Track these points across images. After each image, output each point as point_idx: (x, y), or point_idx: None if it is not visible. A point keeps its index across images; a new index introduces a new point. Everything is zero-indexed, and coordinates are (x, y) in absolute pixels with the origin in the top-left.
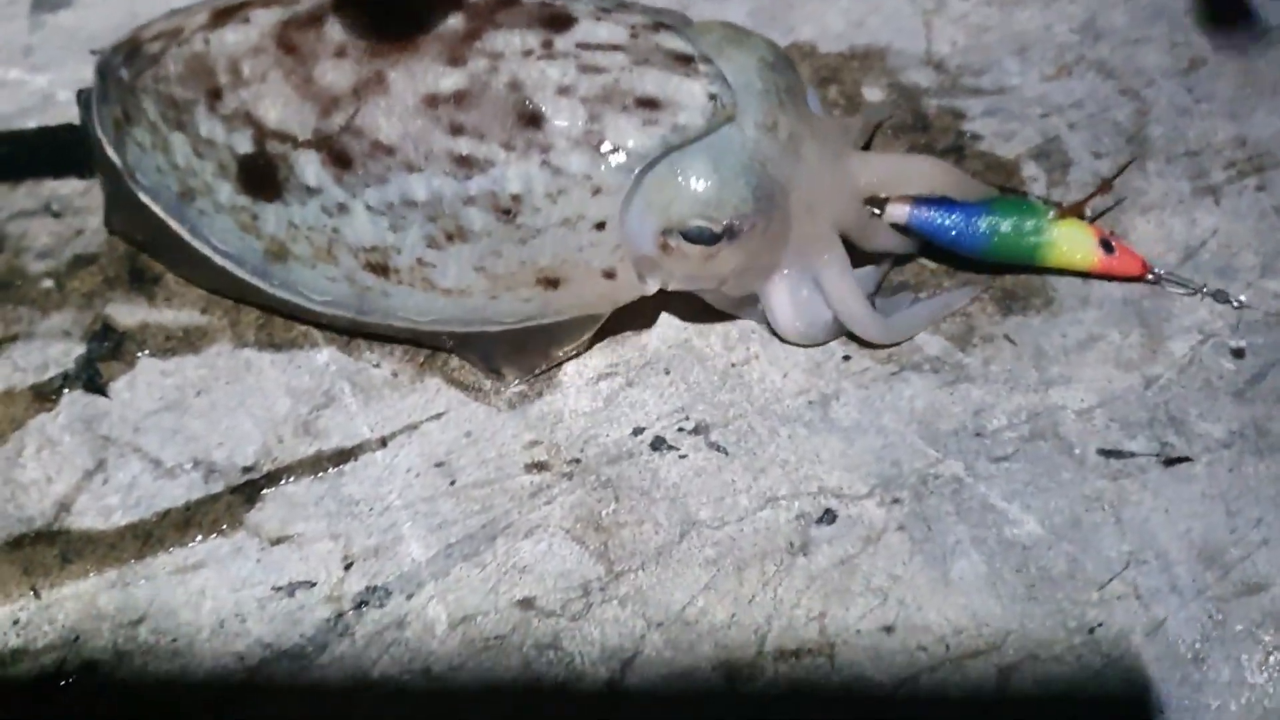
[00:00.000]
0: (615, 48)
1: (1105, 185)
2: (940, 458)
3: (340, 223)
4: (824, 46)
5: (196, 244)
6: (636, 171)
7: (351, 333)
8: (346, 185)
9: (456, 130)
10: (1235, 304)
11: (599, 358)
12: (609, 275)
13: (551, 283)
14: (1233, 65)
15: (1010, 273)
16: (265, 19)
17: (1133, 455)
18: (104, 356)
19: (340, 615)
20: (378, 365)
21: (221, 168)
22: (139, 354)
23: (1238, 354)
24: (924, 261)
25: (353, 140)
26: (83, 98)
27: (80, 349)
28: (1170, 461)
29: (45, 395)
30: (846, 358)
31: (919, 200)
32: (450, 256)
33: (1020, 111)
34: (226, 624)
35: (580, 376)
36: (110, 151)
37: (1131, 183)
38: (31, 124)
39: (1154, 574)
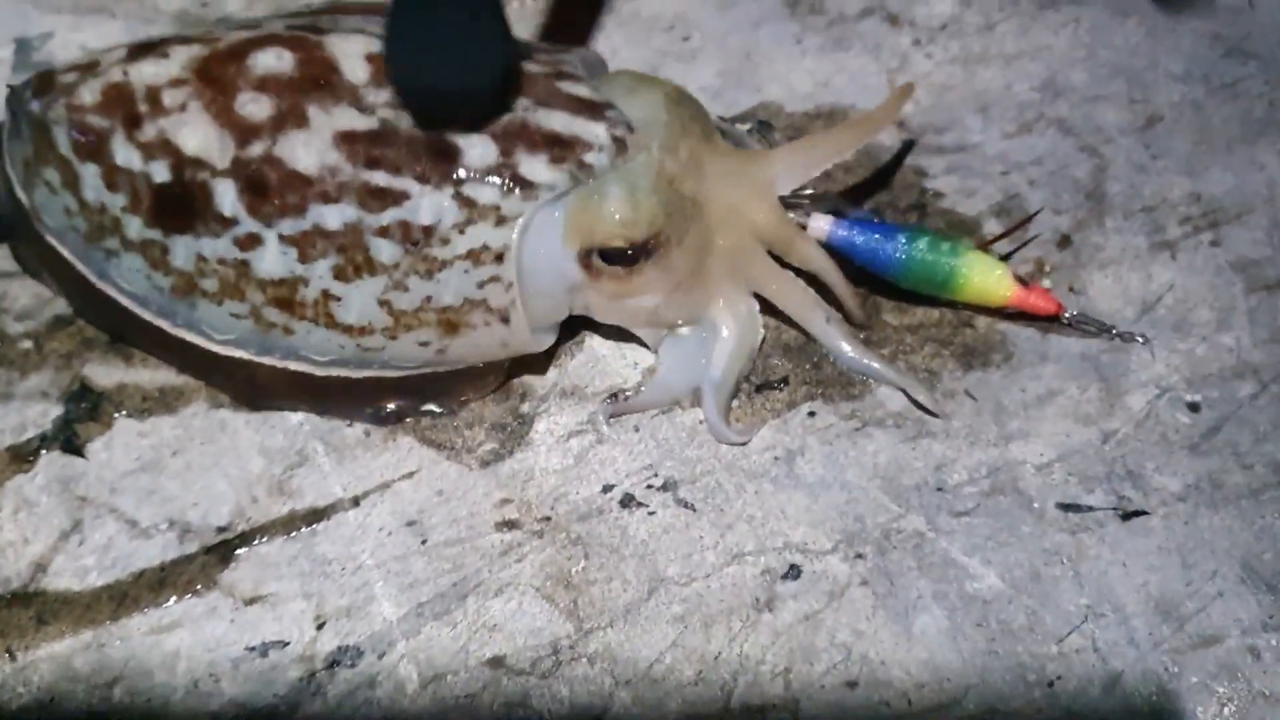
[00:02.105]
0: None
1: (1016, 227)
2: (903, 512)
3: (251, 255)
4: (790, 106)
5: (102, 285)
6: (542, 202)
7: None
8: (262, 215)
9: (373, 163)
10: (1140, 339)
11: (570, 415)
12: (504, 319)
13: (450, 326)
14: (1188, 122)
15: (970, 327)
16: (184, 54)
17: (1091, 509)
18: (81, 418)
19: (313, 675)
20: (350, 425)
21: (134, 199)
22: (116, 415)
23: (1193, 408)
24: (886, 318)
25: (270, 170)
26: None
27: (58, 410)
28: (1127, 515)
29: (23, 456)
30: (811, 414)
31: (840, 218)
32: (355, 290)
33: (981, 169)
34: (201, 684)
35: (551, 434)
36: (19, 191)
37: (1090, 238)
38: None
39: (1112, 627)
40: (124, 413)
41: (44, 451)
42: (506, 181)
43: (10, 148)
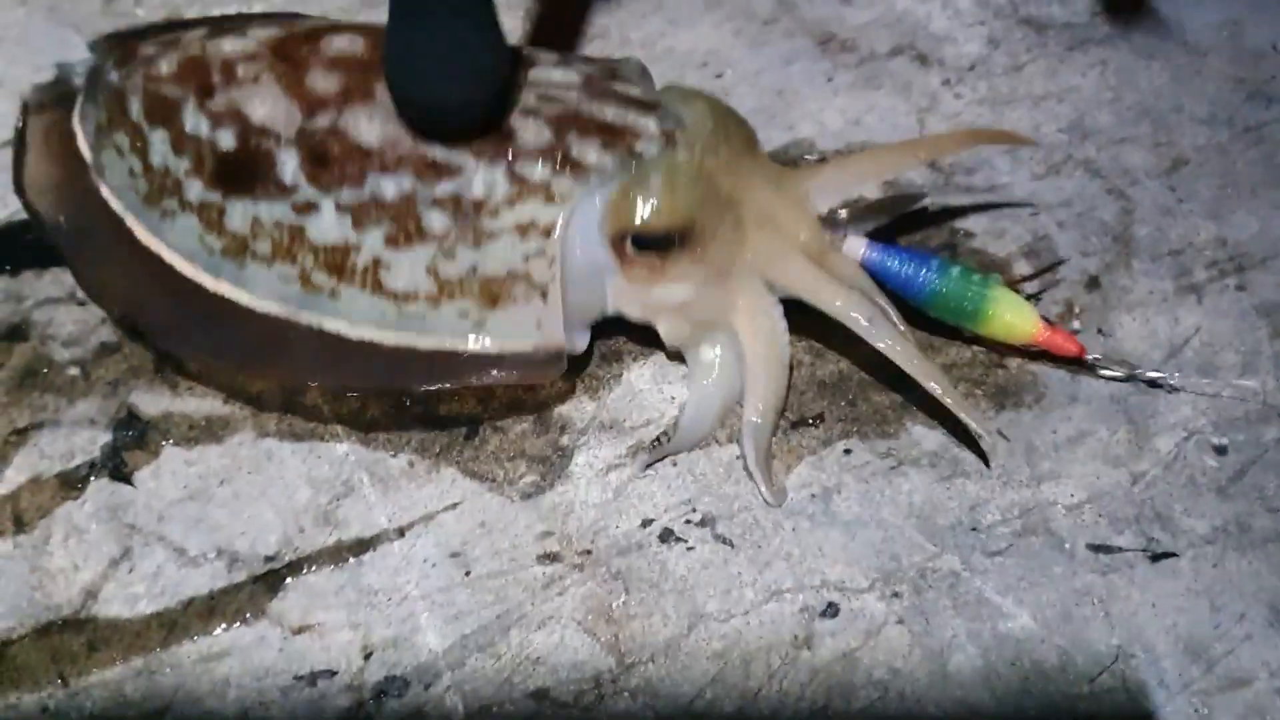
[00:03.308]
0: (570, 87)
1: (1045, 270)
2: (938, 552)
3: (307, 221)
4: (822, 143)
5: (148, 240)
6: (591, 185)
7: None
8: (321, 184)
9: None
10: (1168, 389)
11: (609, 448)
12: (543, 295)
13: (491, 297)
14: (1213, 166)
15: (1003, 367)
16: (262, 34)
17: (1121, 550)
18: (129, 445)
19: (360, 705)
20: (395, 455)
21: (198, 162)
22: (163, 443)
23: (1220, 451)
24: None
25: (334, 141)
26: (59, 86)
27: (106, 437)
28: (1156, 557)
29: (72, 483)
30: (848, 451)
31: (875, 242)
32: (405, 256)
33: (1011, 210)
34: (250, 713)
35: (590, 468)
36: (84, 148)
37: (1117, 281)
38: None
39: (1142, 668)
40: (171, 441)
41: (93, 479)
42: (558, 162)
43: (84, 110)
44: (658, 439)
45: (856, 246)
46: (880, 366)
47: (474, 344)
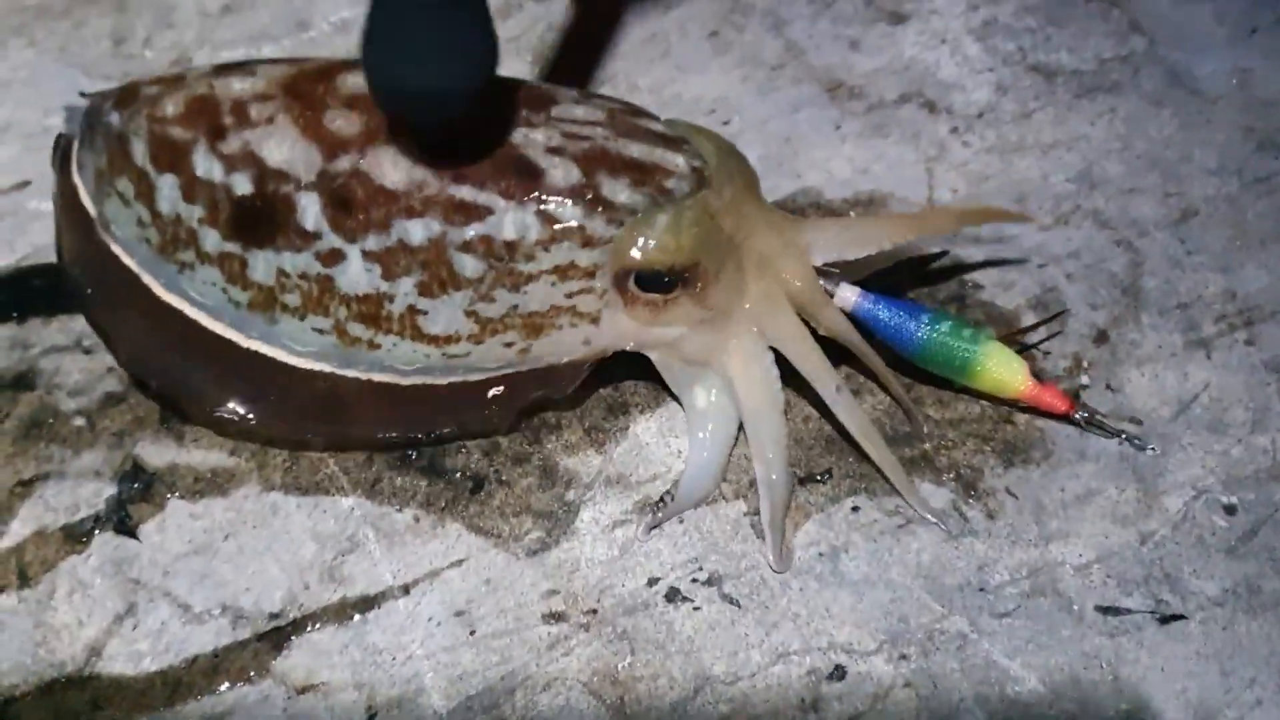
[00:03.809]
0: (593, 123)
1: (1043, 322)
2: (946, 613)
3: (334, 271)
4: (829, 192)
5: (169, 297)
6: (624, 224)
7: (373, 482)
8: (346, 230)
9: (459, 178)
10: (1150, 450)
11: (615, 504)
12: (594, 321)
13: (536, 329)
14: (1222, 217)
15: (1010, 423)
16: (272, 72)
17: (1129, 612)
18: (134, 498)
19: None
20: (400, 510)
21: (212, 210)
22: (168, 496)
23: (1230, 510)
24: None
25: (357, 184)
26: (60, 141)
27: (111, 489)
28: (1165, 619)
29: (77, 537)
30: (855, 509)
31: (866, 291)
32: (441, 304)
33: (1019, 261)
34: None
35: (596, 524)
36: (86, 201)
37: (1127, 335)
38: None
39: None
40: (176, 494)
41: (97, 532)
42: (589, 202)
43: (81, 157)
44: (662, 499)
45: (848, 296)
46: (887, 422)
47: (522, 368)
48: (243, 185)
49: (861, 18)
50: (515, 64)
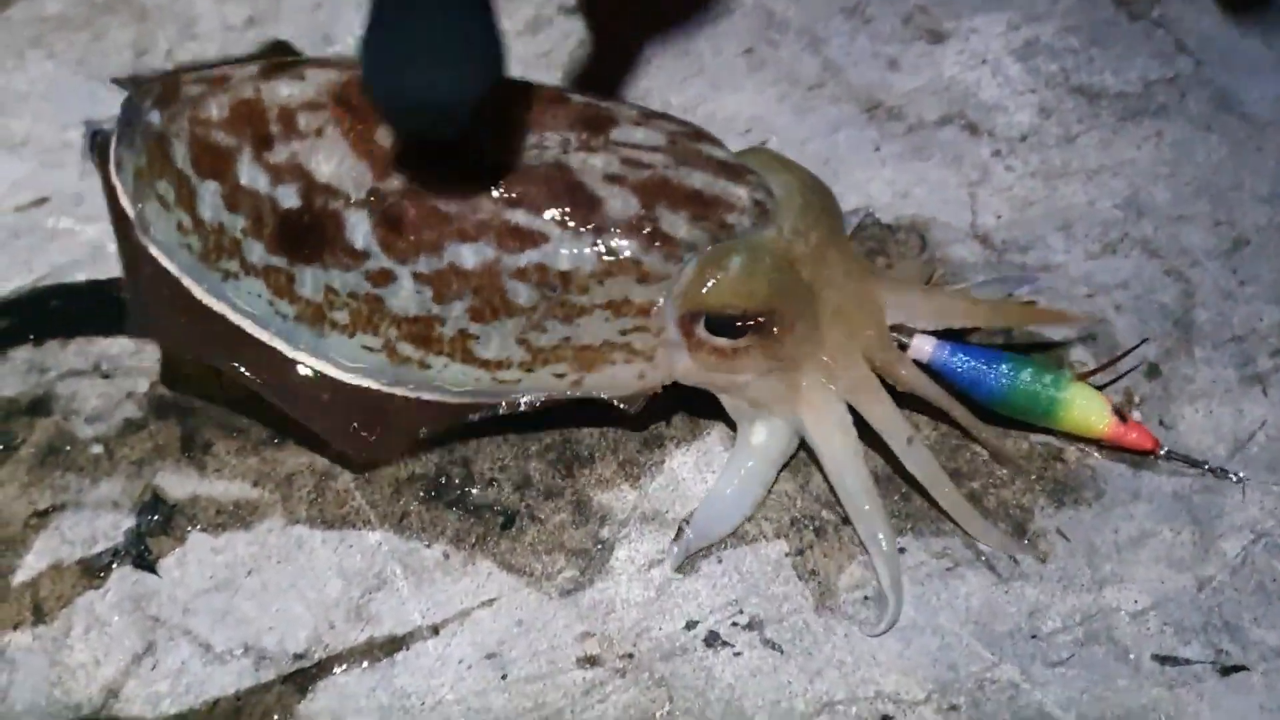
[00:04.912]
0: (655, 149)
1: (1112, 362)
2: (996, 661)
3: (384, 291)
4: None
5: (212, 301)
6: (683, 261)
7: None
8: (396, 251)
9: (514, 201)
10: (1234, 478)
11: (650, 542)
12: (648, 359)
13: (588, 363)
14: (1275, 247)
15: (1061, 461)
16: (321, 77)
17: (1188, 663)
18: (153, 531)
19: None
20: (429, 545)
21: (256, 221)
22: (189, 529)
23: None
24: (976, 450)
25: (409, 204)
26: (96, 137)
27: (129, 521)
28: (1226, 670)
29: (94, 571)
30: (902, 550)
31: (942, 341)
32: (493, 329)
33: (1066, 290)
34: None
35: (632, 563)
36: (125, 201)
37: (1179, 370)
38: (81, 277)
39: None
40: (198, 526)
41: (115, 566)
42: (646, 236)
43: (119, 153)
44: (680, 528)
45: (923, 346)
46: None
47: (570, 395)
48: (289, 198)
49: (900, 36)
50: (545, 79)
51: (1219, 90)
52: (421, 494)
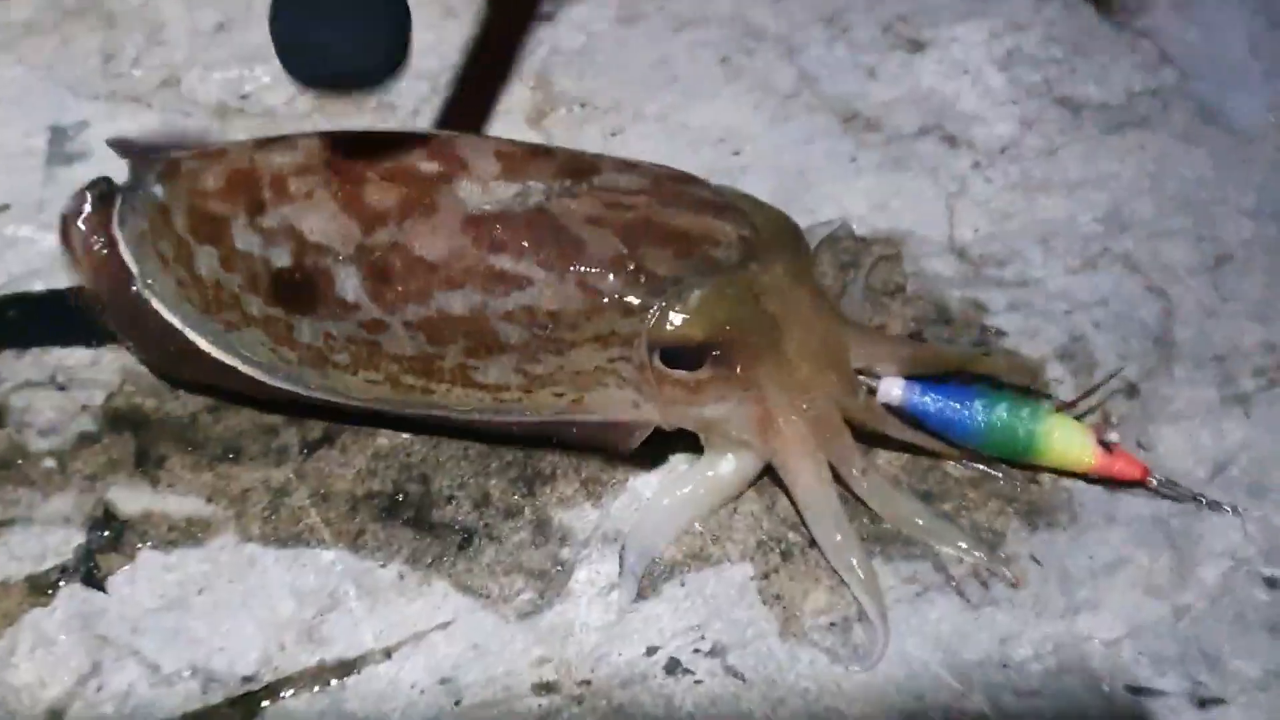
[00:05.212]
0: (638, 192)
1: (1092, 390)
2: (965, 692)
3: (380, 338)
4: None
5: (217, 352)
6: (666, 294)
7: (357, 533)
8: (385, 302)
9: (497, 247)
10: (1229, 510)
11: (612, 563)
12: (637, 389)
13: (585, 384)
14: (1259, 263)
15: (1036, 484)
16: (311, 144)
17: (1164, 694)
18: (104, 547)
19: None
20: (384, 565)
21: (252, 280)
22: (140, 545)
23: (1271, 584)
24: (948, 469)
25: (395, 257)
26: (95, 189)
27: (80, 537)
28: (1203, 702)
29: (42, 588)
30: None
31: (913, 380)
32: (490, 363)
33: (1044, 307)
34: None
35: (592, 585)
36: (127, 255)
37: (1159, 390)
38: (39, 286)
39: None
40: (149, 544)
41: (63, 584)
42: (630, 273)
43: (123, 214)
44: (620, 556)
45: (891, 390)
46: (903, 480)
47: (577, 416)
48: (281, 258)
49: (878, 45)
50: (517, 89)
51: (1203, 102)
52: (378, 511)
